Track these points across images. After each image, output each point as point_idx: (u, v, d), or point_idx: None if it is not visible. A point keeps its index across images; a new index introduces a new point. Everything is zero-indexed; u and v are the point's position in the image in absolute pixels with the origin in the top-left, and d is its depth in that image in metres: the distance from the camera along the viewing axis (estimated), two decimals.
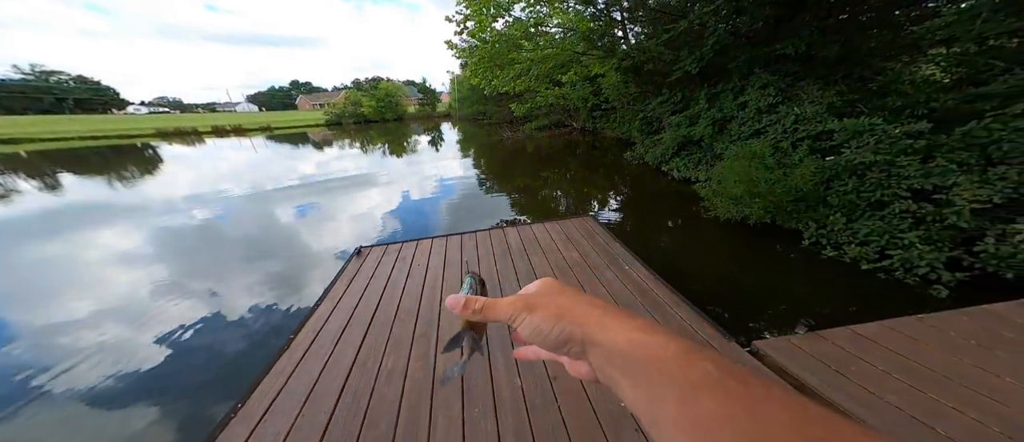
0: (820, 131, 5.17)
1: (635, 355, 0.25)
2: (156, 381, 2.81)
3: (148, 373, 2.90)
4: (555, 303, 0.31)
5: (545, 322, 0.30)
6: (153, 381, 2.81)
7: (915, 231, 3.51)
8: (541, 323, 0.30)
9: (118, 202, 9.19)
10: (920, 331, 1.99)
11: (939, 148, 3.92)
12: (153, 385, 2.76)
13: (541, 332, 0.30)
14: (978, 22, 4.40)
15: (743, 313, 3.10)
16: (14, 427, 2.47)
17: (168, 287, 4.34)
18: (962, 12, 4.74)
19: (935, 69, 5.92)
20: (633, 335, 0.26)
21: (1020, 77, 3.88)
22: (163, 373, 2.90)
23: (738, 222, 4.73)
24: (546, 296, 0.33)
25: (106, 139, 30.50)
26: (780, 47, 6.57)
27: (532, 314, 0.31)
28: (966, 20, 4.54)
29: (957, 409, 1.55)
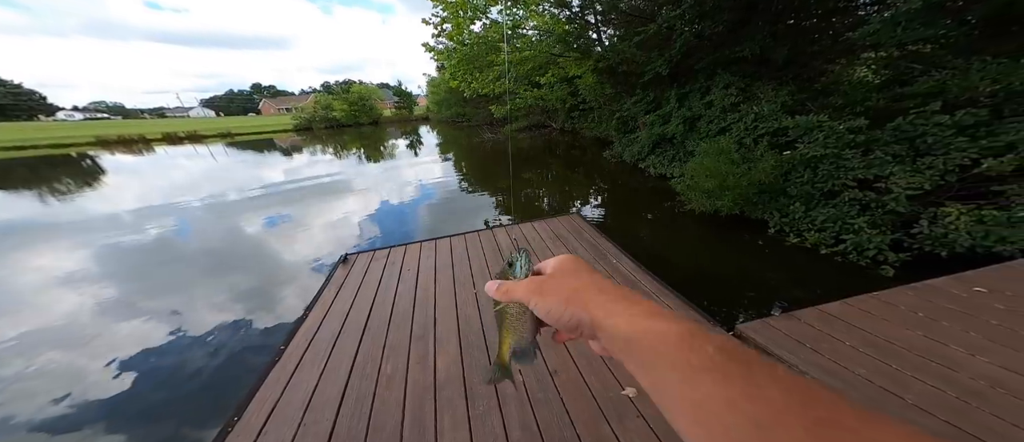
0: (776, 128, 5.63)
1: (639, 341, 0.25)
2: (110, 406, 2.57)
3: (101, 400, 2.65)
4: (567, 287, 0.32)
5: (556, 307, 0.32)
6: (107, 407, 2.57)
7: (862, 217, 3.91)
8: (552, 308, 0.32)
9: (57, 219, 8.26)
10: (875, 307, 2.24)
11: (876, 142, 4.40)
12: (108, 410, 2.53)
13: (552, 316, 0.32)
14: (899, 29, 5.00)
15: (722, 299, 3.32)
16: None
17: (129, 308, 3.97)
18: (885, 20, 5.36)
19: (867, 71, 6.66)
20: (637, 321, 0.26)
21: (935, 78, 4.44)
22: (122, 399, 2.65)
23: (711, 215, 5.04)
24: (560, 278, 0.34)
25: (34, 149, 27.23)
26: (739, 50, 7.08)
27: (544, 298, 0.33)
28: (888, 27, 5.14)
29: (917, 378, 1.74)
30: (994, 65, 3.93)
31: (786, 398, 0.19)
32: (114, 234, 6.63)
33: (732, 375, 0.21)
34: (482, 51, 10.61)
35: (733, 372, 0.21)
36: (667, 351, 0.24)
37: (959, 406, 1.60)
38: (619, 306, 0.28)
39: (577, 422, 1.69)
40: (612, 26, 11.02)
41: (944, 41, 4.78)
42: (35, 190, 11.95)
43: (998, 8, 4.27)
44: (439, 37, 10.69)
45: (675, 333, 0.24)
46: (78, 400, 2.67)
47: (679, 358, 0.23)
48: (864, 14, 6.67)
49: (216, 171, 14.25)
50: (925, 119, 4.10)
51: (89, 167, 17.68)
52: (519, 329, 0.40)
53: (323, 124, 38.71)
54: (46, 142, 29.58)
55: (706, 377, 0.21)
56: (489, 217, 6.49)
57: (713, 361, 0.22)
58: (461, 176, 10.47)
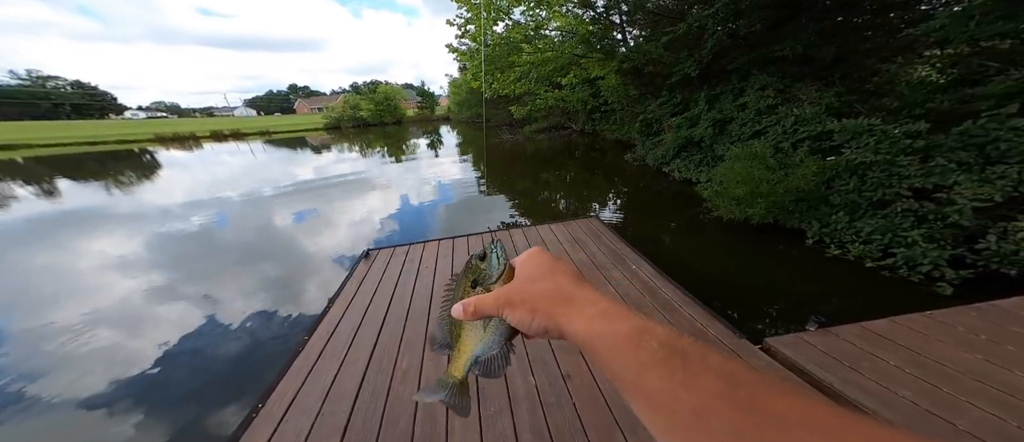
0: (820, 132, 5.23)
1: (596, 343, 0.27)
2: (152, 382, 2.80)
3: (141, 377, 2.89)
4: (530, 296, 0.33)
5: (523, 318, 0.32)
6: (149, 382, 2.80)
7: (917, 229, 3.55)
8: (521, 320, 0.32)
9: (118, 209, 9.15)
10: (929, 327, 2.02)
11: (938, 148, 3.98)
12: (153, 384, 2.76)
13: (523, 326, 0.33)
14: (971, 24, 4.49)
15: (749, 311, 3.13)
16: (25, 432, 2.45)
17: (171, 293, 4.33)
18: (955, 15, 4.83)
19: (930, 70, 6.03)
20: (594, 325, 0.28)
21: (1015, 78, 3.96)
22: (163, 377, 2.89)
23: (741, 222, 4.77)
24: (527, 285, 0.34)
25: (104, 144, 30.37)
26: (778, 49, 6.66)
27: (513, 310, 0.33)
28: (960, 22, 4.63)
29: (973, 404, 1.56)
30: None
31: (715, 384, 0.21)
32: (165, 223, 7.26)
33: (673, 368, 0.23)
34: (503, 52, 10.66)
35: (674, 365, 0.23)
36: (620, 350, 0.25)
37: (1021, 437, 1.41)
38: (579, 311, 0.30)
39: (589, 429, 1.64)
40: (638, 26, 10.73)
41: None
42: (101, 182, 13.32)
43: None
44: (463, 38, 10.86)
45: (624, 333, 0.26)
46: (122, 375, 2.94)
47: (630, 356, 0.25)
48: (928, 8, 6.06)
49: (255, 167, 15.25)
50: (999, 123, 3.67)
51: (147, 162, 19.50)
52: (484, 336, 0.36)
53: (351, 123, 40.44)
54: (113, 138, 32.91)
55: (652, 372, 0.23)
56: (505, 217, 6.50)
57: (657, 356, 0.24)
58: (478, 176, 10.57)
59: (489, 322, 0.36)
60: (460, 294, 0.38)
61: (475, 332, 0.36)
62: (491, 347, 0.36)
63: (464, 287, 0.38)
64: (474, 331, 0.36)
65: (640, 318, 0.27)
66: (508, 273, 0.37)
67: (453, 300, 0.37)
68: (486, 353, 0.36)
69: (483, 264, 0.38)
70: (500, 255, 0.38)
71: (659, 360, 0.24)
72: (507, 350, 0.36)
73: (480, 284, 0.38)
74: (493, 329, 0.36)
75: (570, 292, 0.32)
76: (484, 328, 0.36)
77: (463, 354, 0.37)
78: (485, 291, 0.36)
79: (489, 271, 0.38)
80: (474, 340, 0.36)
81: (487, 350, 0.36)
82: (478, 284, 0.38)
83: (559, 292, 0.32)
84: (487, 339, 0.36)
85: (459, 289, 0.39)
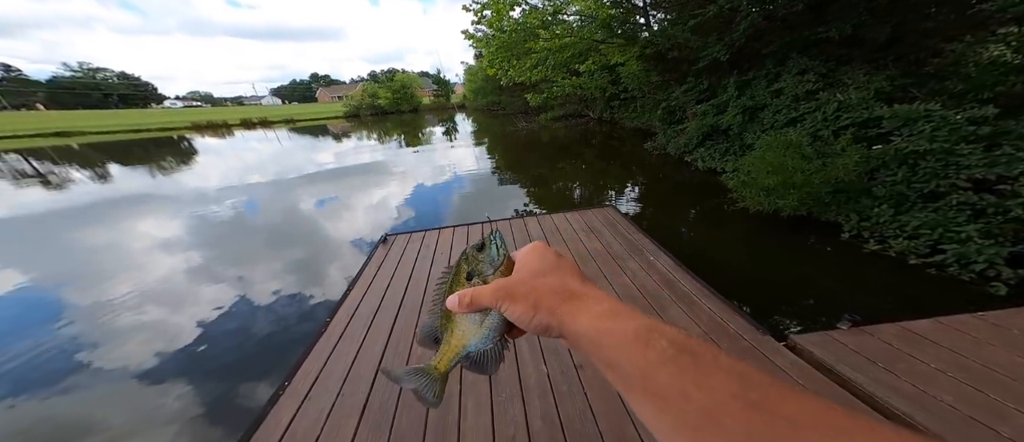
0: (866, 118, 4.81)
1: (603, 341, 0.27)
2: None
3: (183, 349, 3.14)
4: (533, 291, 0.31)
5: (524, 313, 0.31)
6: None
7: (974, 224, 3.24)
8: (521, 315, 0.31)
9: (158, 191, 9.83)
10: (979, 328, 1.85)
11: (1006, 135, 3.57)
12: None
13: (522, 322, 0.31)
14: None
15: (774, 306, 2.98)
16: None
17: (207, 273, 4.63)
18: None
19: (1005, 49, 5.35)
20: (600, 322, 0.27)
21: None
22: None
23: (769, 214, 4.51)
24: (529, 280, 0.33)
25: (147, 132, 32.50)
26: (822, 31, 6.11)
27: (513, 304, 0.31)
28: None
29: (1020, 410, 1.43)
30: None
31: (727, 383, 0.21)
32: (200, 207, 7.73)
33: (683, 366, 0.23)
34: (520, 38, 10.36)
35: (684, 363, 0.23)
36: (627, 349, 0.25)
37: None
38: (584, 308, 0.29)
39: (600, 419, 1.64)
40: (663, 9, 10.11)
41: None
42: (147, 166, 14.32)
43: None
44: (479, 24, 10.62)
45: (632, 331, 0.26)
46: (166, 348, 3.20)
47: (638, 354, 0.24)
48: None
49: (281, 154, 15.92)
50: None
51: (186, 148, 20.78)
52: (479, 331, 0.34)
53: (369, 111, 41.17)
54: (156, 126, 35.18)
55: (662, 370, 0.23)
56: (519, 206, 6.47)
57: (666, 355, 0.23)
58: (493, 164, 10.53)
59: (485, 316, 0.34)
60: (455, 286, 0.36)
61: (468, 326, 0.35)
62: (485, 342, 0.34)
63: (460, 279, 0.37)
64: (467, 325, 0.35)
65: (648, 317, 0.27)
66: (507, 265, 0.36)
67: (446, 292, 0.36)
68: (479, 348, 0.34)
69: (481, 254, 0.37)
70: (499, 246, 0.36)
71: (669, 358, 0.23)
72: (501, 346, 0.34)
73: (476, 275, 0.36)
74: (489, 323, 0.34)
75: (576, 289, 0.31)
76: (480, 322, 0.34)
77: (453, 348, 0.35)
78: (482, 283, 0.35)
79: (487, 262, 0.36)
80: (466, 334, 0.35)
81: (481, 345, 0.34)
82: (473, 275, 0.36)
83: (565, 288, 0.31)
84: (481, 334, 0.34)
85: (454, 280, 0.37)
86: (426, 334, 0.38)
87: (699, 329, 2.13)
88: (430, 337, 0.38)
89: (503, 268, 0.35)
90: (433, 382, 0.35)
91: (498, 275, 0.35)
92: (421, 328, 0.39)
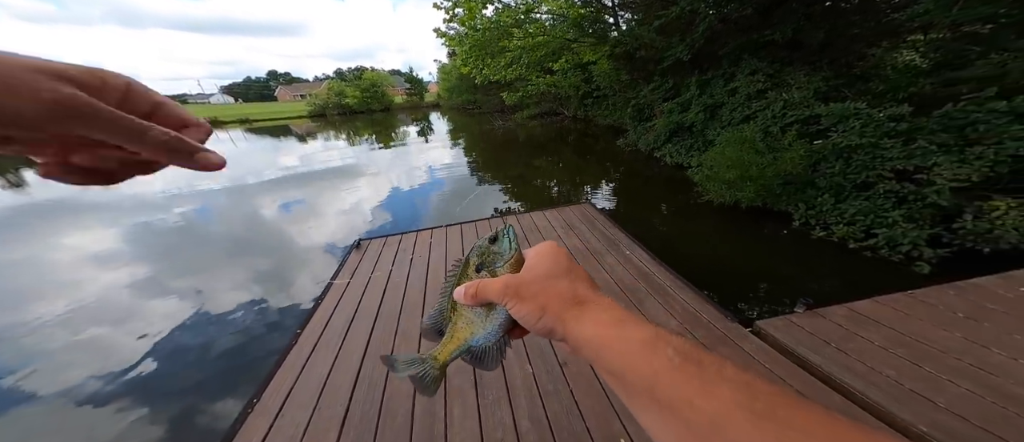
0: (808, 116, 5.29)
1: (608, 349, 0.27)
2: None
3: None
4: (542, 292, 0.31)
5: (530, 315, 0.31)
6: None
7: (898, 210, 3.66)
8: (527, 315, 0.31)
9: (87, 199, 8.70)
10: (911, 306, 2.10)
11: (920, 130, 4.07)
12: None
13: (527, 322, 0.31)
14: (954, 9, 4.54)
15: (739, 293, 3.20)
16: None
17: (158, 286, 4.17)
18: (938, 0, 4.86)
19: (914, 55, 6.13)
20: (605, 330, 0.28)
21: (994, 61, 4.05)
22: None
23: (731, 206, 4.84)
24: (540, 282, 0.32)
25: None
26: (769, 34, 6.64)
27: (520, 303, 0.31)
28: (943, 7, 4.67)
29: (952, 382, 1.63)
30: None
31: (733, 394, 0.21)
32: (143, 215, 6.95)
33: (689, 375, 0.23)
34: (494, 37, 10.33)
35: (689, 372, 0.23)
36: (632, 357, 0.25)
37: (997, 412, 1.50)
38: (591, 316, 0.29)
39: (587, 416, 1.67)
40: (630, 9, 10.51)
41: (1006, 20, 4.33)
42: None
43: None
44: (451, 22, 10.45)
45: (638, 339, 0.26)
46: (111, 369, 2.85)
47: (644, 362, 0.24)
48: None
49: (237, 157, 14.65)
50: (978, 105, 3.75)
51: None
52: (484, 324, 0.34)
53: (336, 111, 39.14)
54: None
55: (667, 379, 0.23)
56: (498, 204, 6.45)
57: (672, 363, 0.23)
58: (470, 163, 10.42)
59: (491, 310, 0.34)
60: (463, 278, 0.36)
61: (474, 319, 0.34)
62: (489, 337, 0.34)
63: (468, 271, 0.36)
64: (473, 317, 0.35)
65: (654, 326, 0.27)
66: (516, 260, 0.35)
67: (455, 283, 0.36)
68: (482, 343, 0.34)
69: (493, 247, 0.36)
70: (512, 240, 0.36)
71: (674, 366, 0.23)
72: (504, 343, 0.34)
73: (485, 268, 0.36)
74: (494, 318, 0.34)
75: (584, 295, 0.31)
76: (485, 317, 0.34)
77: (455, 340, 0.35)
78: (490, 275, 0.34)
79: (498, 255, 0.36)
80: (471, 327, 0.34)
81: (484, 340, 0.34)
82: (482, 268, 0.36)
83: (574, 294, 0.31)
84: (486, 328, 0.34)
85: (463, 272, 0.37)
86: (430, 325, 0.38)
87: (675, 320, 2.24)
88: (434, 328, 0.37)
89: (512, 263, 0.35)
90: (432, 371, 0.35)
91: (507, 269, 0.35)
92: (427, 318, 0.38)
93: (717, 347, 1.99)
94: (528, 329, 0.32)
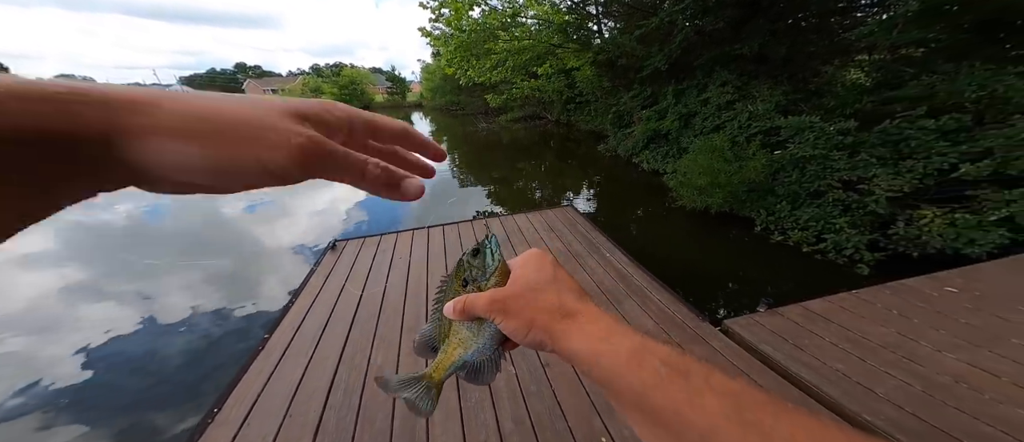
0: (769, 127, 5.70)
1: (597, 362, 0.27)
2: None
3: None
4: (528, 306, 0.31)
5: (518, 331, 0.30)
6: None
7: (844, 217, 4.04)
8: (515, 331, 0.31)
9: None
10: (854, 304, 2.33)
11: (863, 144, 4.50)
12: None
13: (516, 337, 0.31)
14: (894, 32, 5.07)
15: (710, 294, 3.40)
16: None
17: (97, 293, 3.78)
18: (882, 22, 5.40)
19: (860, 73, 6.78)
20: (594, 344, 0.28)
21: (924, 83, 4.56)
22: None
23: (702, 211, 5.12)
24: (526, 296, 0.32)
25: None
26: (738, 47, 7.07)
27: (507, 319, 0.31)
28: (885, 30, 5.20)
29: (889, 373, 1.83)
30: (981, 71, 4.04)
31: (721, 405, 0.21)
32: (77, 213, 6.26)
33: (676, 387, 0.23)
34: (480, 38, 10.26)
35: (677, 384, 0.23)
36: (620, 370, 0.25)
37: (925, 400, 1.69)
38: (580, 328, 0.29)
39: (569, 414, 1.71)
40: (613, 18, 10.81)
41: (936, 45, 4.88)
42: None
43: (991, 13, 4.35)
44: (437, 21, 10.27)
45: (625, 351, 0.26)
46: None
47: (631, 376, 0.25)
48: (863, 15, 6.74)
49: None
50: (911, 123, 4.21)
51: None
52: (476, 340, 0.34)
53: None
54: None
55: (655, 391, 0.23)
56: (481, 207, 6.43)
57: (659, 375, 0.24)
58: (454, 164, 10.29)
59: (482, 323, 0.33)
60: (451, 293, 0.35)
61: (466, 334, 0.34)
62: (483, 351, 0.33)
63: (455, 286, 0.36)
64: (465, 333, 0.34)
65: (642, 336, 0.27)
66: (502, 271, 0.35)
67: (444, 299, 0.35)
68: (475, 357, 0.34)
69: (475, 261, 0.35)
70: (494, 252, 0.35)
71: (662, 379, 0.23)
72: (498, 356, 0.34)
73: (471, 283, 0.35)
74: (486, 332, 0.33)
75: (572, 307, 0.30)
76: (477, 331, 0.34)
77: (449, 357, 0.34)
78: (477, 290, 0.34)
79: (482, 269, 0.35)
80: (465, 343, 0.34)
81: (477, 354, 0.33)
82: (469, 283, 0.35)
83: (561, 306, 0.30)
84: (478, 343, 0.33)
85: (449, 288, 0.36)
86: (424, 342, 0.37)
87: (651, 320, 2.34)
88: (428, 346, 0.37)
89: (498, 275, 0.34)
90: (428, 390, 0.34)
91: (493, 282, 0.34)
92: (419, 335, 0.37)
93: (690, 346, 2.10)
94: (518, 342, 0.32)
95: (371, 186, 0.24)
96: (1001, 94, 3.83)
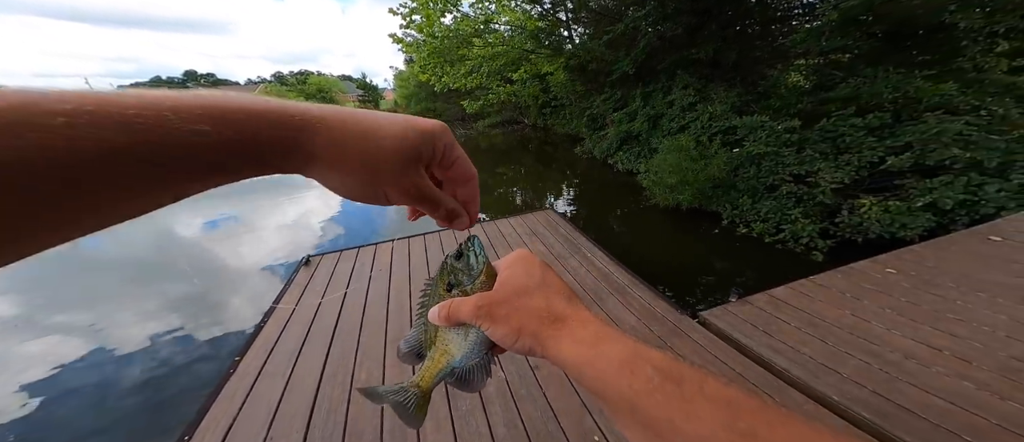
0: (727, 127, 6.11)
1: (588, 368, 0.26)
2: None
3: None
4: (516, 312, 0.30)
5: (506, 337, 0.29)
6: None
7: (798, 208, 4.40)
8: (503, 337, 0.30)
9: None
10: (813, 290, 2.54)
11: (807, 141, 4.96)
12: None
13: (503, 343, 0.30)
14: (822, 40, 5.64)
15: (686, 287, 3.58)
16: None
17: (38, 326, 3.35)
18: (810, 30, 5.99)
19: (799, 77, 7.47)
20: (584, 350, 0.27)
21: (851, 85, 5.11)
22: None
23: (673, 208, 5.39)
24: (513, 300, 0.30)
25: None
26: (695, 52, 7.55)
27: (494, 325, 0.30)
28: (814, 37, 5.78)
29: (849, 354, 1.98)
30: (894, 75, 4.60)
31: (715, 413, 0.21)
32: None
33: (669, 395, 0.22)
34: (453, 45, 10.26)
35: (669, 392, 0.22)
36: (611, 377, 0.25)
37: (883, 377, 1.82)
38: (569, 333, 0.28)
39: (561, 416, 1.73)
40: (583, 24, 11.19)
41: (857, 51, 5.48)
42: None
43: (894, 24, 4.97)
44: (408, 28, 10.15)
45: (617, 358, 0.25)
46: None
47: (622, 383, 0.24)
48: (797, 24, 7.43)
49: None
50: (843, 121, 4.70)
51: None
52: (464, 345, 0.32)
53: None
54: None
55: (648, 400, 0.23)
56: None
57: (652, 383, 0.23)
58: None
59: (469, 328, 0.32)
60: (435, 298, 0.34)
61: (453, 339, 0.33)
62: (471, 356, 0.32)
63: (439, 291, 0.35)
64: (453, 338, 0.33)
65: (634, 341, 0.26)
66: (487, 273, 0.33)
67: (429, 304, 0.34)
68: (464, 364, 0.32)
69: (459, 264, 0.34)
70: (478, 254, 0.34)
71: (654, 386, 0.23)
72: (488, 360, 0.33)
73: (456, 287, 0.34)
74: (473, 337, 0.32)
75: (562, 312, 0.29)
76: (465, 335, 0.32)
77: (437, 363, 0.33)
78: (462, 294, 0.33)
79: (465, 272, 0.34)
80: (452, 348, 0.33)
81: (465, 360, 0.32)
82: (454, 287, 0.34)
83: (550, 311, 0.29)
84: (466, 348, 0.32)
85: (434, 292, 0.35)
86: (409, 349, 0.36)
87: (633, 316, 2.42)
88: (413, 352, 0.35)
89: (483, 277, 0.33)
90: (416, 399, 0.33)
91: (479, 284, 0.33)
92: (404, 342, 0.36)
93: (671, 339, 2.20)
94: (506, 349, 0.31)
95: (442, 220, 0.30)
96: (912, 95, 4.38)
